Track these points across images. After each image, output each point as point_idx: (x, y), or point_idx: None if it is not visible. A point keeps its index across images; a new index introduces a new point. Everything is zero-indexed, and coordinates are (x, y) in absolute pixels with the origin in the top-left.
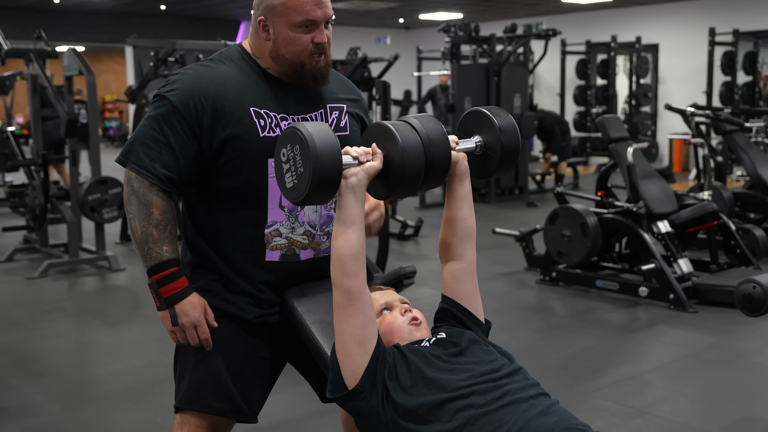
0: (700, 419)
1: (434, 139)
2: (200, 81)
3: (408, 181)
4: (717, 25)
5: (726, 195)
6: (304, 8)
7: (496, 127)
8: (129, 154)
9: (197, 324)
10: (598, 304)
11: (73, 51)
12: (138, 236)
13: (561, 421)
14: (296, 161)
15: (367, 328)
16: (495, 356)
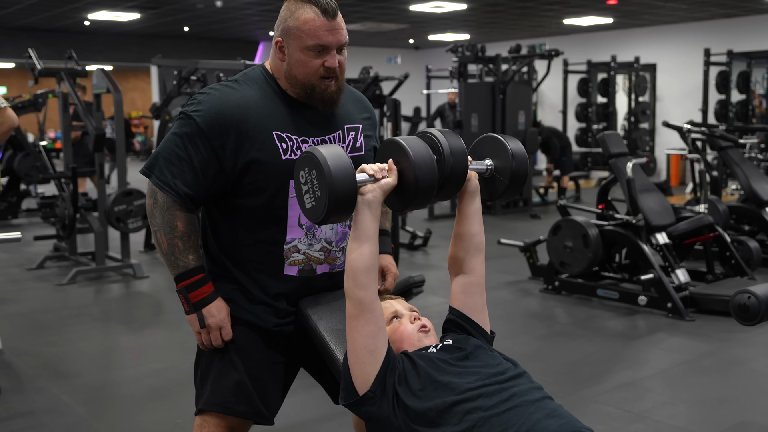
0: (697, 424)
1: (455, 152)
2: (225, 104)
3: (422, 194)
4: (712, 46)
5: (721, 208)
6: (317, 33)
7: (509, 153)
8: (153, 168)
9: (222, 325)
10: (599, 313)
11: (102, 70)
12: (164, 247)
13: (566, 424)
14: (314, 184)
15: (378, 338)
16: (500, 360)
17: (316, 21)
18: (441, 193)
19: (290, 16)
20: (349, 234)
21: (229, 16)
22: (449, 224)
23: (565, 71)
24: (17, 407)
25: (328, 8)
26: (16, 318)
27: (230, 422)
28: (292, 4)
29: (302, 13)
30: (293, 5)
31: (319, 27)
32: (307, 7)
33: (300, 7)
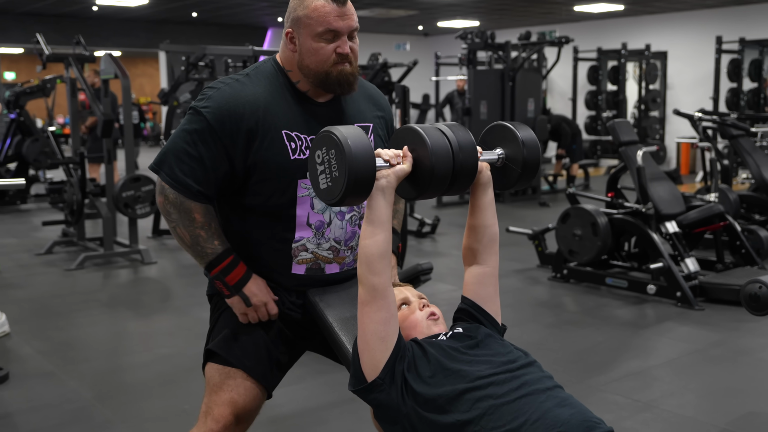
0: (705, 413)
1: (464, 146)
2: (235, 101)
3: (437, 183)
4: (724, 34)
5: (732, 197)
6: (326, 19)
7: (519, 141)
8: (162, 164)
9: (267, 301)
10: (608, 301)
11: (110, 56)
12: (188, 240)
13: (577, 414)
14: (331, 164)
15: (389, 324)
16: (510, 349)
17: (326, 7)
18: (453, 188)
19: (300, 4)
20: (359, 232)
21: (238, 2)
22: (457, 211)
23: (575, 59)
24: (25, 392)
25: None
26: (25, 303)
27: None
28: None
29: (312, 1)
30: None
31: (329, 13)
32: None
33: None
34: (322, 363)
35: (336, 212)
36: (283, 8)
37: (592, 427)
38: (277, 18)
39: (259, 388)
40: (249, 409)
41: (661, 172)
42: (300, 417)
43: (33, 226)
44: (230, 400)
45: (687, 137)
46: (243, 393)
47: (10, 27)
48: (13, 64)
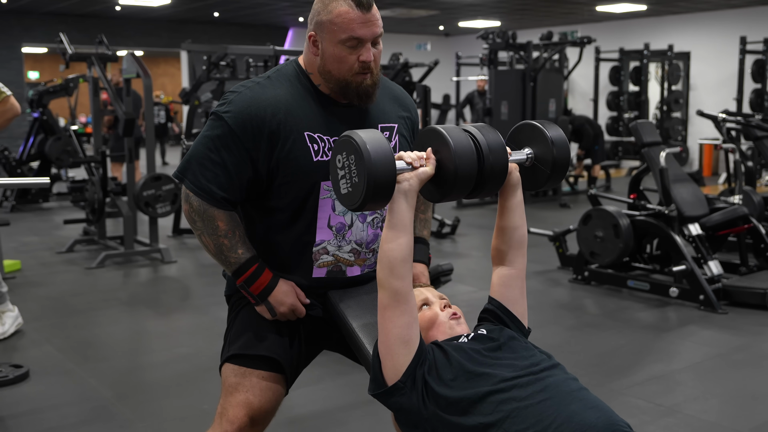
0: (729, 419)
1: (493, 147)
2: (257, 104)
3: (461, 185)
4: (748, 34)
5: (756, 199)
6: (350, 26)
7: (549, 140)
8: (186, 172)
9: (294, 308)
10: (629, 304)
11: (132, 55)
12: (212, 249)
13: (603, 417)
14: (351, 169)
15: (412, 328)
16: (533, 352)
17: (350, 14)
18: (482, 190)
19: (324, 9)
20: (380, 234)
21: (259, 1)
22: (477, 212)
23: (596, 59)
24: (46, 389)
25: (363, 0)
26: (45, 301)
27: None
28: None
29: (336, 5)
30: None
31: (353, 20)
32: (342, 0)
33: (333, 0)
34: (341, 364)
35: (358, 215)
36: (304, 8)
37: (619, 431)
38: (299, 18)
39: (277, 388)
40: (265, 410)
41: (684, 174)
42: (319, 418)
43: (55, 224)
44: (245, 401)
45: (710, 138)
46: (259, 394)
47: (34, 27)
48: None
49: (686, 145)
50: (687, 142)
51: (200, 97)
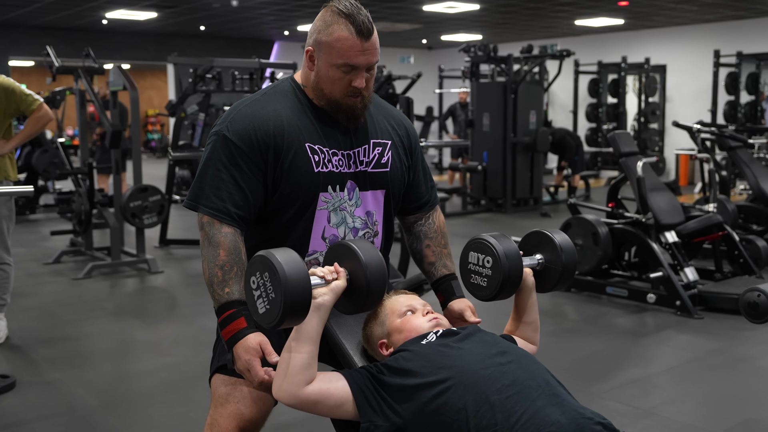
0: (705, 420)
1: (510, 255)
2: (258, 119)
3: (373, 296)
4: (722, 48)
5: (730, 207)
6: (348, 53)
7: (558, 246)
8: (199, 198)
9: (249, 368)
10: (608, 310)
11: (119, 68)
12: (206, 277)
13: (568, 412)
14: (267, 287)
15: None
16: (498, 339)
17: (350, 41)
18: (501, 293)
19: (324, 29)
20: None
21: (245, 15)
22: (460, 222)
23: (576, 71)
24: (32, 399)
25: (363, 28)
26: (33, 311)
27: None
28: (329, 15)
29: (337, 29)
30: (329, 17)
31: (352, 47)
32: (343, 24)
33: (336, 22)
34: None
35: (350, 228)
36: (289, 22)
37: (583, 426)
38: (284, 32)
39: (267, 398)
40: (255, 420)
41: (660, 183)
42: (304, 425)
43: (41, 235)
44: (236, 413)
45: (686, 149)
46: (250, 404)
47: (21, 40)
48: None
49: (663, 155)
50: (664, 153)
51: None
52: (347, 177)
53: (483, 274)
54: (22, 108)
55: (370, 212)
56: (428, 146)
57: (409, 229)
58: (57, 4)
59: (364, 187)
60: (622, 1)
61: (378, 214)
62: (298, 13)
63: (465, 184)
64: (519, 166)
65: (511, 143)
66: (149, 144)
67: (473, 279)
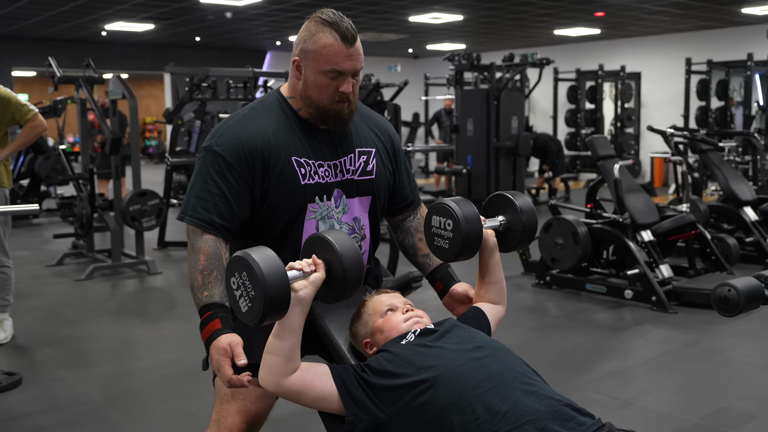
0: (680, 409)
1: (469, 218)
2: (246, 134)
3: (351, 285)
4: (693, 56)
5: (702, 207)
6: (334, 59)
7: (518, 209)
8: (186, 209)
9: (218, 367)
10: (588, 306)
11: (118, 77)
12: (189, 282)
13: (544, 400)
14: (246, 286)
15: (312, 389)
16: (474, 333)
17: (335, 47)
18: (462, 254)
19: (310, 38)
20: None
21: (239, 26)
22: None
23: (555, 79)
24: (38, 396)
25: (348, 34)
26: (37, 312)
27: None
28: (313, 25)
29: (322, 36)
30: (314, 26)
31: (337, 53)
32: (327, 32)
33: (320, 30)
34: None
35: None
36: (281, 33)
37: (560, 411)
38: (276, 42)
39: (269, 393)
40: (260, 415)
41: (636, 185)
42: (299, 417)
43: (44, 239)
44: (242, 409)
45: (660, 152)
46: (255, 400)
47: (24, 51)
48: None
49: (638, 158)
50: (639, 156)
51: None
52: (334, 186)
53: (445, 236)
54: (17, 117)
55: (357, 218)
56: (415, 150)
57: (398, 227)
58: (58, 17)
59: (350, 194)
60: (599, 12)
61: (364, 219)
62: (290, 24)
63: (450, 187)
64: (502, 169)
65: (494, 147)
66: (147, 150)
67: (436, 242)
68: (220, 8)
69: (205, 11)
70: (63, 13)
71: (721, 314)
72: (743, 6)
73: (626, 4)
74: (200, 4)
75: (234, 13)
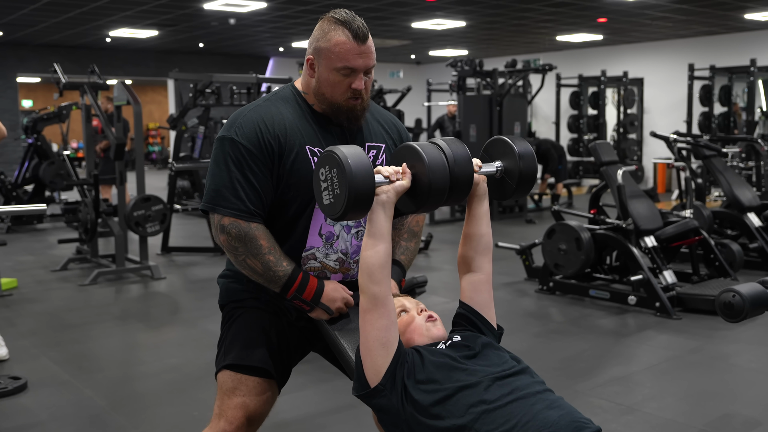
0: (684, 416)
1: (459, 160)
2: (264, 122)
3: (434, 197)
4: (696, 62)
5: (706, 213)
6: (347, 56)
7: (516, 154)
8: (217, 200)
9: (347, 301)
10: (591, 312)
11: (122, 83)
12: (259, 269)
13: (566, 415)
14: (333, 182)
15: (390, 331)
16: (505, 359)
17: (347, 44)
18: (450, 198)
19: (323, 36)
20: (364, 231)
21: (242, 33)
22: (449, 229)
23: (558, 85)
24: (44, 400)
25: (359, 33)
26: (42, 316)
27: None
28: (326, 24)
29: (334, 35)
30: (327, 26)
31: (349, 50)
32: (340, 30)
33: (333, 29)
34: (323, 371)
35: (344, 225)
36: (284, 39)
37: (581, 428)
38: (279, 48)
39: (270, 392)
40: (260, 412)
41: (639, 190)
42: (302, 423)
43: (49, 244)
44: (243, 404)
45: (663, 158)
46: (255, 397)
47: (28, 58)
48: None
49: (641, 164)
50: (642, 161)
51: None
52: None
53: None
54: None
55: None
56: None
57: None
58: (63, 23)
59: None
60: (601, 17)
61: None
62: (293, 31)
63: None
64: None
65: None
66: (150, 156)
67: None
68: (223, 15)
69: (209, 18)
70: (67, 19)
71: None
72: (746, 12)
73: (629, 10)
74: (204, 10)
75: (237, 19)
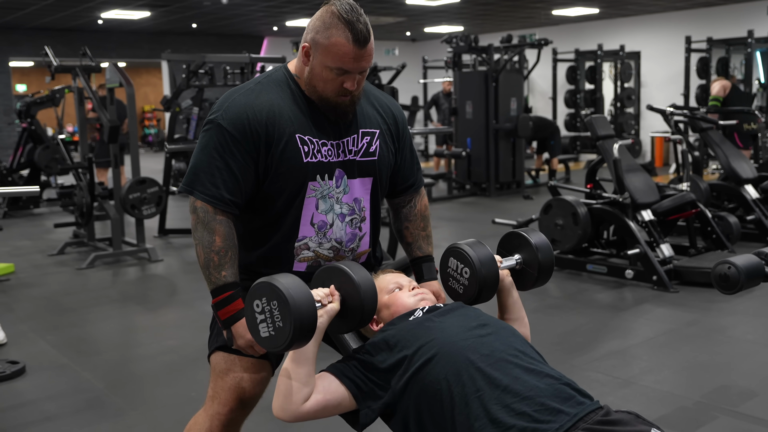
0: (681, 388)
1: (484, 261)
2: (252, 108)
3: (367, 316)
4: (693, 34)
5: (703, 186)
6: (343, 59)
7: (533, 246)
8: (194, 183)
9: (252, 344)
10: (589, 286)
11: (115, 66)
12: (201, 261)
13: (545, 377)
14: (273, 314)
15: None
16: (480, 313)
17: (346, 47)
18: (479, 299)
19: (323, 30)
20: (358, 234)
21: (235, 12)
22: (446, 206)
23: (554, 60)
24: (42, 384)
25: (361, 36)
26: (40, 300)
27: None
28: (328, 17)
29: (335, 33)
30: (329, 19)
31: (347, 54)
32: (341, 30)
33: (334, 26)
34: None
35: (337, 214)
36: (278, 18)
37: (559, 388)
38: (273, 27)
39: (265, 373)
40: (254, 393)
41: (636, 164)
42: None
43: (45, 228)
44: (236, 386)
45: (660, 131)
46: (248, 379)
47: (21, 41)
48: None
49: (639, 138)
50: (639, 135)
51: (181, 104)
52: (335, 166)
53: (461, 281)
54: None
55: (358, 199)
56: (414, 134)
57: (396, 210)
58: (54, 6)
59: (352, 175)
60: None
61: (365, 201)
62: (286, 9)
63: (450, 170)
64: (501, 151)
65: (494, 129)
66: (146, 138)
67: (451, 283)
68: None
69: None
70: (59, 1)
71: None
72: None
73: None
74: None
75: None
